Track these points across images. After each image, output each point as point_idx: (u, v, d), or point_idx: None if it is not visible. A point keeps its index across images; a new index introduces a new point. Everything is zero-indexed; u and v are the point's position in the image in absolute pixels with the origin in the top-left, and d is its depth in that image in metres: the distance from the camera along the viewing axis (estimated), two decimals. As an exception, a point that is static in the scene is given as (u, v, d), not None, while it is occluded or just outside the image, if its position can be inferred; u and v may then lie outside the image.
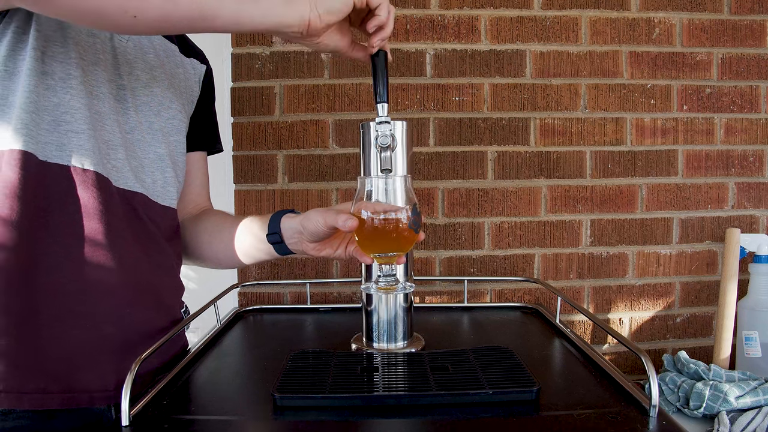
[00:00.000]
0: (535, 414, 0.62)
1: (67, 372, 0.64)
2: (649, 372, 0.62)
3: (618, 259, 1.33)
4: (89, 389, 0.65)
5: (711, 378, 1.10)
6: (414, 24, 1.28)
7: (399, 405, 0.64)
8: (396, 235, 0.67)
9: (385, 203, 0.67)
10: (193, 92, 0.87)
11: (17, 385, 0.61)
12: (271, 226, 0.77)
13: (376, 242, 0.68)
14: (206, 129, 0.93)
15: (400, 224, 0.66)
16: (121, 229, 0.69)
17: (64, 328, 0.64)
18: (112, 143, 0.70)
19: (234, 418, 0.63)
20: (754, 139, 1.33)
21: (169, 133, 0.79)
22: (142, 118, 0.75)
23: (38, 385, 0.62)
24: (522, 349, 0.85)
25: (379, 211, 0.66)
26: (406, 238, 0.68)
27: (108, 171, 0.68)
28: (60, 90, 0.64)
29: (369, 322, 0.88)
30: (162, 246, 0.78)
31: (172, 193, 0.80)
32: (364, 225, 0.66)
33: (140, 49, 0.75)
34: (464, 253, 1.31)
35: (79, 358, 0.65)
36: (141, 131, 0.74)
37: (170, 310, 0.79)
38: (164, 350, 0.76)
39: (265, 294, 1.32)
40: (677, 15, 1.31)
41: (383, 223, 0.66)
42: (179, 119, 0.81)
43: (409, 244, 0.69)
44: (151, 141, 0.76)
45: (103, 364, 0.67)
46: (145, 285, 0.73)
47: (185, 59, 0.85)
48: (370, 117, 1.28)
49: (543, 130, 1.31)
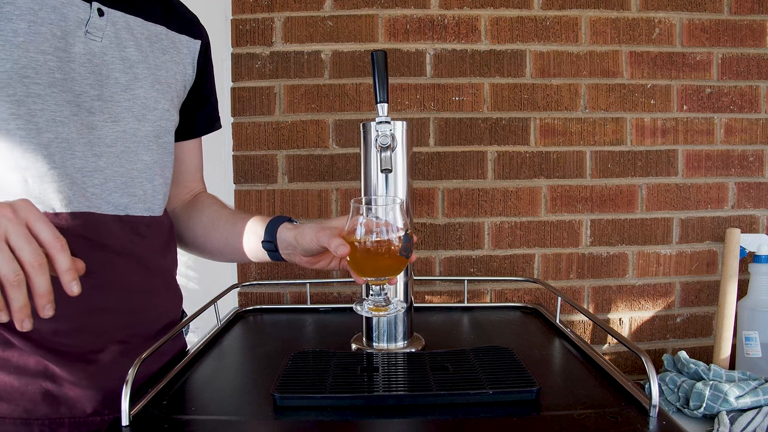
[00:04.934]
0: (535, 414, 0.62)
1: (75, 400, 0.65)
2: (649, 372, 0.62)
3: (618, 259, 1.33)
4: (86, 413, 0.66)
5: (711, 378, 1.10)
6: (414, 24, 1.28)
7: (399, 405, 0.64)
8: (386, 261, 0.68)
9: (376, 228, 0.68)
10: (185, 77, 0.80)
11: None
12: (267, 233, 0.77)
13: (367, 267, 0.70)
14: (202, 114, 0.87)
15: (390, 250, 0.67)
16: (108, 262, 0.68)
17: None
18: (86, 169, 0.66)
19: (234, 418, 0.63)
20: (754, 139, 1.33)
21: (157, 136, 0.74)
22: (126, 127, 0.70)
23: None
24: (522, 349, 0.85)
25: (370, 237, 0.67)
26: (396, 263, 0.69)
27: (87, 201, 0.66)
28: (8, 134, 0.59)
29: (369, 322, 0.88)
30: (156, 263, 0.76)
31: (160, 201, 0.77)
32: (356, 250, 0.67)
33: (118, 44, 0.69)
34: (464, 253, 1.31)
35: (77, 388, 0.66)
36: (125, 141, 0.70)
37: (171, 326, 0.79)
38: (163, 352, 0.76)
39: (265, 294, 1.32)
40: (677, 15, 1.31)
41: (374, 248, 0.67)
42: (167, 118, 0.76)
43: (399, 269, 0.71)
44: (137, 149, 0.71)
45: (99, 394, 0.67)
46: (144, 312, 0.73)
47: (176, 37, 0.78)
48: (370, 117, 1.28)
49: (543, 130, 1.31)
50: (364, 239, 0.67)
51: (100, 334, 0.67)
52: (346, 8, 1.27)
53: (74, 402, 0.65)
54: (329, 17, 1.27)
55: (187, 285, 1.28)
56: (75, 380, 0.65)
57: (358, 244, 0.67)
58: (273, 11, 1.27)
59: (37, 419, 0.63)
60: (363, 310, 0.71)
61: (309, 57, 1.28)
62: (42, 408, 0.63)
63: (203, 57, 0.83)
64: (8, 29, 0.58)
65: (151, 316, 0.75)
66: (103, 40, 0.67)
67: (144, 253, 0.73)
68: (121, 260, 0.69)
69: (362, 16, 1.27)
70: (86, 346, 0.66)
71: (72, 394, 0.64)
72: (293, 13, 1.27)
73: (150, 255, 0.74)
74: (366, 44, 1.28)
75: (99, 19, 0.66)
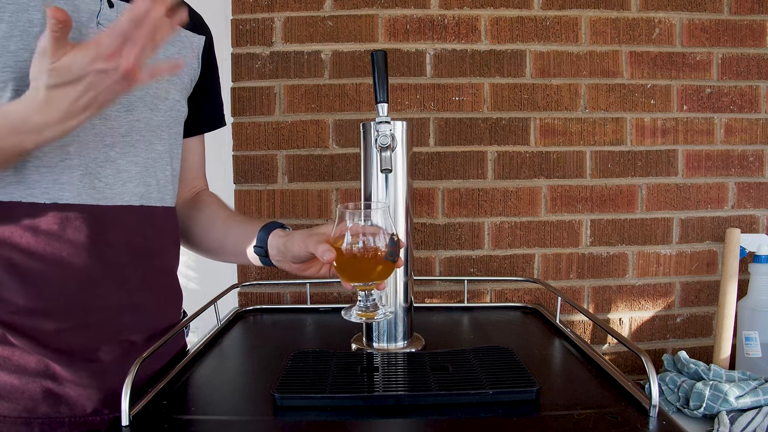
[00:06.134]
0: (535, 414, 0.62)
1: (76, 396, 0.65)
2: (649, 372, 0.62)
3: (618, 259, 1.33)
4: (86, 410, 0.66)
5: (711, 378, 1.10)
6: (414, 24, 1.28)
7: (399, 405, 0.65)
8: (373, 266, 0.69)
9: (362, 234, 0.69)
10: (192, 71, 0.80)
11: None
12: (259, 238, 0.78)
13: (354, 272, 0.71)
14: (207, 110, 0.88)
15: (377, 255, 0.68)
16: (114, 258, 0.68)
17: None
18: (98, 160, 0.66)
19: (234, 418, 0.63)
20: (754, 139, 1.33)
21: (169, 126, 0.75)
22: (139, 116, 0.70)
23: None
24: (522, 349, 0.85)
25: (356, 243, 0.68)
26: (383, 268, 0.70)
27: (98, 193, 0.66)
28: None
29: (369, 322, 0.88)
30: (162, 261, 0.77)
31: (171, 192, 0.78)
32: (342, 256, 0.68)
33: None
34: (464, 253, 1.31)
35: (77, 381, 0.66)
36: (139, 130, 0.70)
37: (172, 325, 0.79)
38: (163, 353, 0.76)
39: (265, 294, 1.32)
40: (677, 15, 1.31)
41: (360, 254, 0.68)
42: (178, 109, 0.77)
43: (386, 274, 0.71)
44: (150, 138, 0.72)
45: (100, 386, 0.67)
46: (147, 311, 0.74)
47: (182, 32, 0.78)
48: (370, 117, 1.28)
49: (543, 130, 1.31)
50: (350, 245, 0.68)
51: (103, 332, 0.67)
52: (346, 8, 1.27)
53: (75, 401, 0.65)
54: (329, 17, 1.27)
55: (187, 285, 1.28)
56: (76, 379, 0.65)
57: (345, 250, 0.68)
58: (273, 11, 1.27)
59: (37, 418, 0.63)
60: (351, 315, 0.72)
61: (309, 57, 1.28)
62: (42, 407, 0.63)
63: (208, 53, 0.84)
64: (24, 20, 0.59)
65: (155, 315, 0.75)
66: None
67: (152, 248, 0.74)
68: (127, 256, 0.70)
69: (362, 16, 1.27)
70: (88, 345, 0.66)
71: (72, 393, 0.65)
72: (293, 13, 1.27)
73: (157, 251, 0.75)
74: (366, 44, 1.28)
75: (109, 11, 0.67)
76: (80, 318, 0.65)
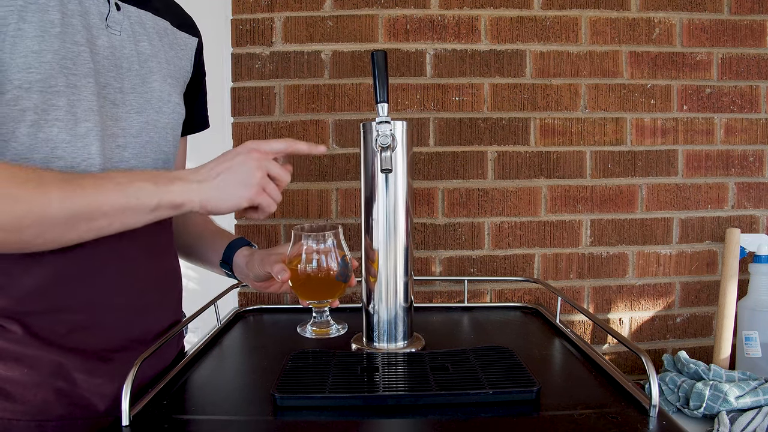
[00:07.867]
0: (535, 414, 0.62)
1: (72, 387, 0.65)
2: (649, 372, 0.62)
3: (618, 259, 1.33)
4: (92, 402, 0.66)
5: (711, 378, 1.10)
6: (414, 24, 1.28)
7: (399, 405, 0.65)
8: (325, 285, 0.76)
9: (315, 255, 0.76)
10: (186, 73, 0.81)
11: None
12: (225, 255, 0.84)
13: (308, 291, 0.78)
14: (196, 111, 0.88)
15: (329, 275, 0.75)
16: (124, 256, 0.69)
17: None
18: (113, 160, 0.67)
19: (234, 418, 0.63)
20: (754, 139, 1.33)
21: (173, 128, 0.76)
22: (148, 118, 0.71)
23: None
24: (522, 349, 0.85)
25: (310, 263, 0.75)
26: (334, 287, 0.77)
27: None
28: (45, 125, 0.59)
29: (369, 322, 0.88)
30: (168, 260, 0.78)
31: None
32: (297, 275, 0.75)
33: (134, 39, 0.70)
34: (464, 253, 1.31)
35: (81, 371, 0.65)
36: (148, 132, 0.71)
37: (173, 325, 0.80)
38: (163, 353, 0.76)
39: (265, 294, 1.32)
40: (677, 15, 1.31)
41: (314, 273, 0.75)
42: (178, 111, 0.77)
43: (338, 293, 0.78)
44: (158, 140, 0.73)
45: (104, 376, 0.67)
46: (156, 309, 0.75)
47: (178, 34, 0.79)
48: (370, 117, 1.28)
49: (543, 130, 1.31)
50: (303, 265, 0.74)
51: (115, 332, 0.68)
52: (346, 8, 1.27)
53: (87, 401, 0.64)
54: (329, 17, 1.27)
55: (187, 285, 1.28)
56: (88, 379, 0.64)
57: (299, 270, 0.74)
58: (273, 11, 1.27)
59: (50, 421, 0.62)
60: (306, 331, 0.80)
61: (309, 57, 1.28)
62: (56, 408, 0.63)
63: (199, 55, 0.85)
64: (45, 20, 0.59)
65: (163, 315, 0.76)
66: (121, 34, 0.68)
67: (162, 248, 0.75)
68: (139, 257, 0.70)
69: (362, 16, 1.27)
70: (101, 345, 0.66)
71: (85, 393, 0.64)
72: (293, 13, 1.27)
73: (166, 251, 0.76)
74: (366, 44, 1.28)
75: (117, 13, 0.67)
76: (93, 318, 0.65)
